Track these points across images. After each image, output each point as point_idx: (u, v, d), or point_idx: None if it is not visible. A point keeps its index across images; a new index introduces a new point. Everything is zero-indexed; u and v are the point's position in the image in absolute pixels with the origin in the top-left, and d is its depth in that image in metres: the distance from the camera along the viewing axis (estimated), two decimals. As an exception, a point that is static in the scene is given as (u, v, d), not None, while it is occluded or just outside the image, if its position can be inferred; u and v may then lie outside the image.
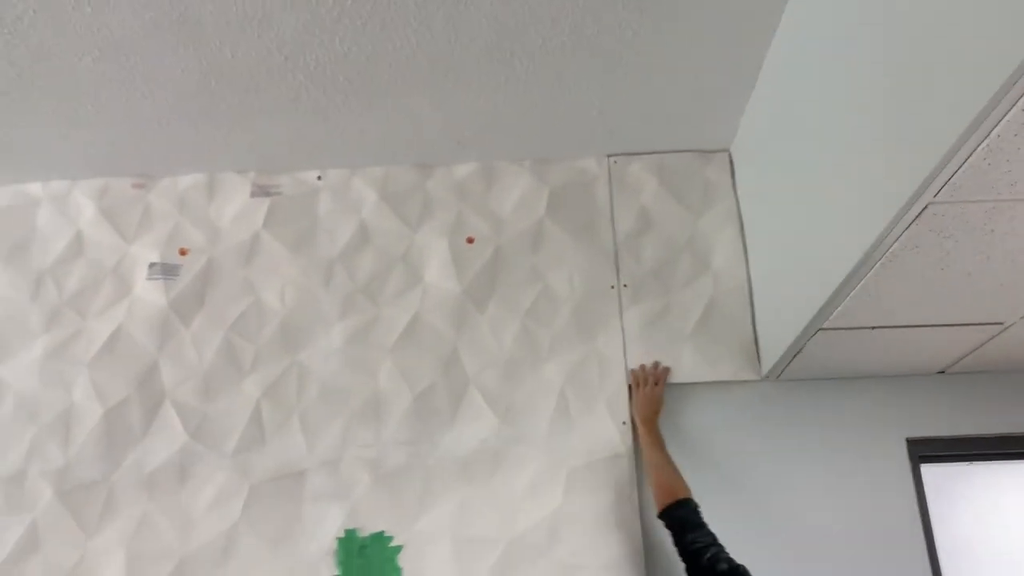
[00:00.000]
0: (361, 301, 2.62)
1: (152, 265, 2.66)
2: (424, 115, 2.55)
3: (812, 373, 2.48)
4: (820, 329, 2.13)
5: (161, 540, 2.37)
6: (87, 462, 2.45)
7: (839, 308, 1.99)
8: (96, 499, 2.41)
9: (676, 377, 2.52)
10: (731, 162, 2.76)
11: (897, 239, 1.66)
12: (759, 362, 2.53)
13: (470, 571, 2.32)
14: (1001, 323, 2.15)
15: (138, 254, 2.68)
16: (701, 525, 2.09)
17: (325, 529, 2.38)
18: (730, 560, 1.98)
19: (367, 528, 2.38)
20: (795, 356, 2.33)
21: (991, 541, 3.25)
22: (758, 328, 2.55)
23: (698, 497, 2.20)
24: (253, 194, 2.74)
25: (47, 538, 2.37)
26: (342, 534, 2.37)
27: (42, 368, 2.55)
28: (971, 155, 1.39)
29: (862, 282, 1.84)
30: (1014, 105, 1.26)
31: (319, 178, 2.76)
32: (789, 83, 2.22)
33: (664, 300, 2.60)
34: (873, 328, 2.14)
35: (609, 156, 2.78)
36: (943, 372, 2.54)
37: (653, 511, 2.22)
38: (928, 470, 2.54)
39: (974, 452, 2.51)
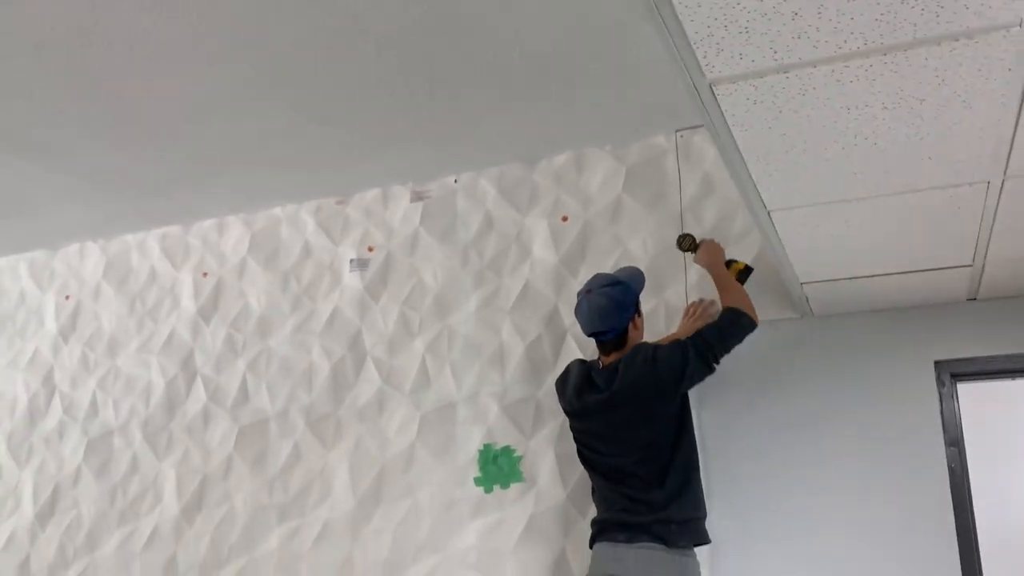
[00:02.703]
0: (488, 275, 3.45)
1: (351, 260, 3.72)
2: (522, 123, 3.25)
3: (841, 309, 2.87)
4: (802, 283, 2.58)
5: (369, 454, 3.47)
6: (323, 402, 3.61)
7: (793, 266, 2.43)
8: (330, 427, 3.57)
9: (728, 319, 3.04)
10: (782, 123, 3.12)
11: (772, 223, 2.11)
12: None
13: (567, 476, 3.12)
14: (970, 264, 2.42)
15: (343, 253, 3.75)
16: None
17: (470, 445, 3.31)
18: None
19: (498, 443, 3.27)
20: (808, 300, 2.76)
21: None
22: (800, 272, 2.97)
23: (748, 420, 2.86)
24: (412, 200, 3.67)
25: (304, 453, 3.59)
26: (481, 448, 3.29)
27: (292, 338, 3.74)
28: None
29: (785, 249, 2.29)
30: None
31: (455, 181, 3.61)
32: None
33: (721, 254, 3.10)
34: (851, 279, 2.53)
35: (677, 131, 3.28)
36: (974, 299, 2.77)
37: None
38: (972, 389, 2.83)
39: (1007, 369, 2.75)
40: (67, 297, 4.30)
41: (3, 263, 4.54)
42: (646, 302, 3.14)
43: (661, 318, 3.13)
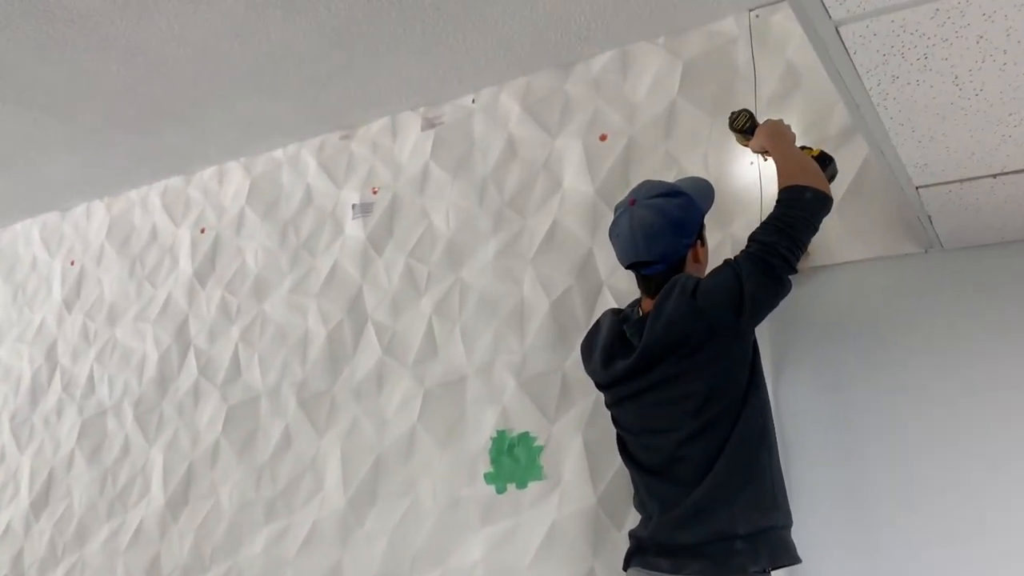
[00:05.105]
0: (509, 214, 2.70)
1: (354, 206, 3.05)
2: (552, 15, 2.50)
3: (983, 236, 1.95)
4: (918, 187, 1.69)
5: (365, 439, 2.79)
6: (317, 376, 2.96)
7: (897, 149, 1.57)
8: (323, 406, 2.92)
9: (820, 259, 2.18)
10: (899, -18, 2.21)
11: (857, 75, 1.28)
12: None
13: (598, 472, 2.33)
14: None
15: (346, 197, 3.09)
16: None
17: (481, 430, 2.57)
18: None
19: (515, 429, 2.52)
20: (932, 222, 1.87)
21: None
22: (925, 187, 2.06)
23: (862, 393, 2.03)
24: (423, 128, 2.97)
25: (294, 438, 2.95)
26: (494, 435, 2.55)
27: (288, 301, 3.12)
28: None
29: (877, 112, 1.43)
30: None
31: (473, 101, 2.88)
32: None
33: (810, 169, 2.23)
34: (995, 176, 1.63)
35: (750, 11, 2.43)
36: None
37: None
38: None
39: None
40: (72, 263, 3.86)
41: (19, 228, 4.16)
42: (710, 239, 2.32)
43: (727, 256, 2.27)
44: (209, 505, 3.08)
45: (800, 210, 1.76)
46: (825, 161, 1.92)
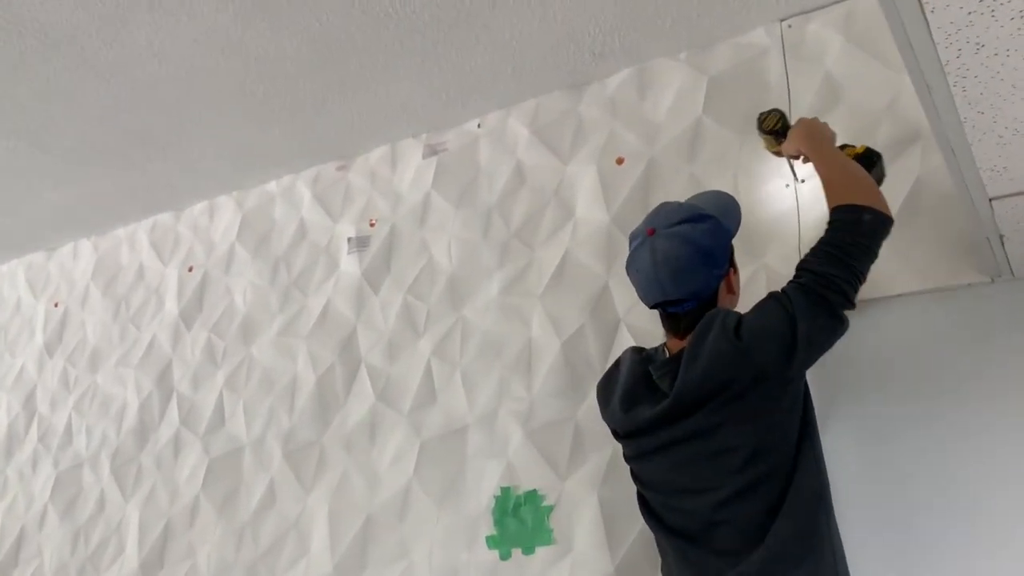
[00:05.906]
0: (516, 246, 2.46)
1: (349, 240, 2.82)
2: (563, 33, 2.29)
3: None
4: (991, 199, 1.43)
5: (355, 496, 2.51)
6: (306, 425, 2.70)
7: (982, 163, 1.31)
8: (311, 458, 2.64)
9: (869, 291, 1.89)
10: (950, -17, 1.98)
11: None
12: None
13: (616, 536, 2.04)
14: None
15: (342, 231, 2.86)
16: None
17: (482, 487, 2.29)
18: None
19: (521, 486, 2.23)
20: (1003, 243, 1.60)
21: None
22: (989, 207, 1.80)
23: (919, 445, 1.74)
24: (425, 155, 2.75)
25: (279, 494, 2.67)
26: (498, 492, 2.26)
27: (276, 343, 2.87)
28: None
29: (961, 117, 1.19)
30: None
31: (479, 126, 2.66)
32: None
33: (854, 190, 1.97)
34: (1089, 182, 1.37)
35: (782, 20, 2.20)
36: None
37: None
38: None
39: None
40: (56, 304, 3.64)
41: (4, 269, 3.96)
42: (739, 268, 2.06)
43: (761, 290, 2.01)
44: (185, 569, 2.79)
45: (858, 235, 1.50)
46: (872, 159, 1.67)
